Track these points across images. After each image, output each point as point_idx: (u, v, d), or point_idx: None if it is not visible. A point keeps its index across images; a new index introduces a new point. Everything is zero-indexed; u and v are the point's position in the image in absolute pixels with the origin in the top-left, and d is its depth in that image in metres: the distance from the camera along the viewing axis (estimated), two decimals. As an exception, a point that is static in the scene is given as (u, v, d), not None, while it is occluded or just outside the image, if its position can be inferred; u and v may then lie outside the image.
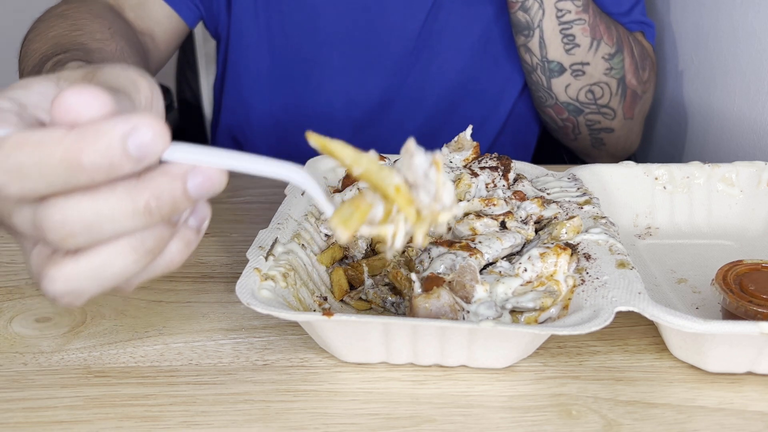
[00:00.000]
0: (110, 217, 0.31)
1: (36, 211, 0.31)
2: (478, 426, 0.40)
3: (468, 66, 0.88)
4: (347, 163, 0.36)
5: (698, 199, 0.63)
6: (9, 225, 0.33)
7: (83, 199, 0.30)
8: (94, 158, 0.29)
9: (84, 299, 0.33)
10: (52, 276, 0.32)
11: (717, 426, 0.40)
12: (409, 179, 0.36)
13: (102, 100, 0.30)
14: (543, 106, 0.87)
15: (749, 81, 0.82)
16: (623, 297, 0.43)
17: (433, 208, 0.36)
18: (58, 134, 0.29)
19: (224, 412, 0.41)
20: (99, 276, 0.32)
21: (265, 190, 0.76)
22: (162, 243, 0.33)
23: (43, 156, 0.29)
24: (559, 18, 0.80)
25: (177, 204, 0.32)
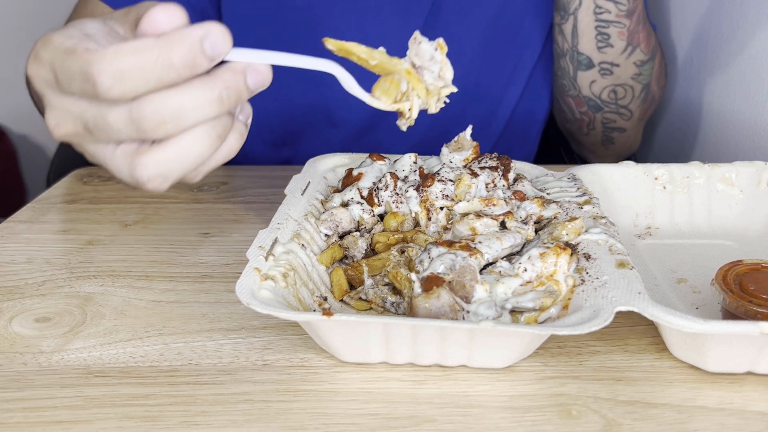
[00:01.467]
0: (192, 106, 0.38)
1: (131, 107, 0.38)
2: (478, 426, 0.40)
3: (468, 69, 0.88)
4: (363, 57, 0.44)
5: (698, 199, 0.63)
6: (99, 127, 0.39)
7: (171, 93, 0.38)
8: (181, 57, 0.36)
9: (169, 183, 0.41)
10: (144, 162, 0.40)
11: (717, 426, 0.40)
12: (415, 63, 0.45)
13: (181, 15, 0.38)
14: (564, 95, 0.87)
15: (749, 81, 0.82)
16: (623, 297, 0.43)
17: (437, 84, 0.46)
18: (151, 41, 0.37)
19: (224, 412, 0.41)
20: (182, 159, 0.40)
21: (265, 190, 0.76)
22: (226, 130, 0.41)
23: (141, 60, 0.36)
24: (596, 14, 0.79)
25: (241, 94, 0.40)
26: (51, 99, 0.41)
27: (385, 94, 0.44)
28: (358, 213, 0.56)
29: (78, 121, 0.40)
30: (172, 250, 0.62)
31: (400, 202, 0.56)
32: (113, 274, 0.57)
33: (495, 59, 0.88)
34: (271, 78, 0.42)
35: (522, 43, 0.88)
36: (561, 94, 0.88)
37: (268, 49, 0.44)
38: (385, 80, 0.45)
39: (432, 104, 0.47)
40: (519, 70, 0.89)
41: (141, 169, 0.40)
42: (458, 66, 0.88)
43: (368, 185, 0.59)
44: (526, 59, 0.89)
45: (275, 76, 0.99)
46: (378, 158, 0.62)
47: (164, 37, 0.37)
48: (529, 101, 0.93)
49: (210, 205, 0.72)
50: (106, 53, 0.37)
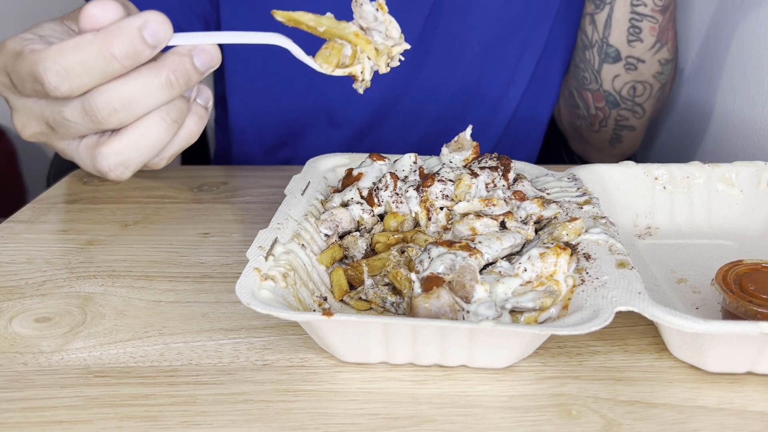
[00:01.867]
0: (141, 92, 0.39)
1: (83, 100, 0.39)
2: (478, 426, 0.40)
3: (468, 71, 0.88)
4: (311, 25, 0.46)
5: (698, 199, 0.63)
6: (59, 123, 0.41)
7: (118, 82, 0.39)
8: (122, 48, 0.38)
9: (130, 171, 0.43)
10: (104, 153, 0.42)
11: (717, 426, 0.40)
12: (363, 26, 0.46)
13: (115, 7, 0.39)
14: (582, 89, 0.87)
15: (749, 81, 0.82)
16: (623, 297, 0.43)
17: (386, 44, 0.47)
18: (90, 36, 0.38)
19: (224, 412, 0.41)
20: (139, 146, 0.41)
21: (264, 190, 0.76)
22: (182, 114, 0.42)
23: (84, 55, 0.38)
24: (633, 6, 0.80)
25: (189, 76, 0.41)
26: (13, 102, 0.44)
27: (326, 61, 0.46)
28: (358, 213, 0.56)
29: (40, 121, 0.42)
30: (172, 250, 0.62)
31: (400, 202, 0.56)
32: (113, 274, 0.57)
33: (496, 59, 0.88)
34: (220, 58, 0.42)
35: (522, 43, 0.88)
36: (579, 88, 0.88)
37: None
38: (326, 47, 0.46)
39: (382, 64, 0.48)
40: (520, 70, 0.89)
41: (101, 159, 0.42)
42: (458, 66, 0.88)
43: (368, 185, 0.59)
44: (526, 60, 0.89)
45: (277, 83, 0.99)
46: (378, 158, 0.62)
47: (104, 31, 0.38)
48: (530, 103, 0.92)
49: (210, 205, 0.72)
50: (50, 52, 0.39)
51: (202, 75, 0.42)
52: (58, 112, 0.41)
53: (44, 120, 0.42)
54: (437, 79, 0.88)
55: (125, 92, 0.39)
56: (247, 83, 0.90)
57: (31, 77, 0.39)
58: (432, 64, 0.87)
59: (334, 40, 0.46)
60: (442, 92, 0.89)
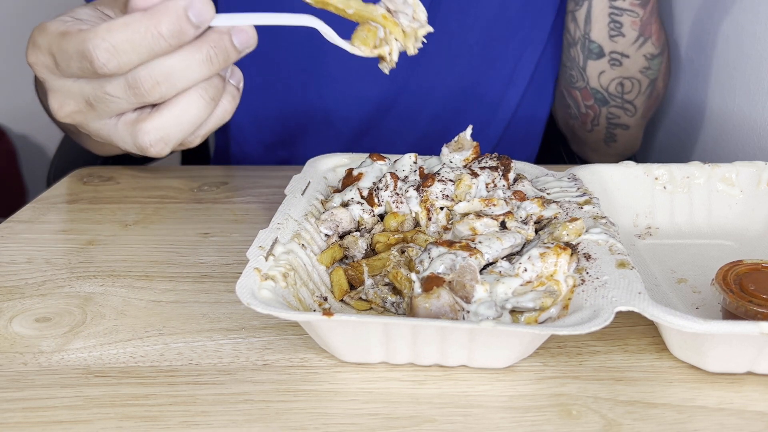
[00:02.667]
0: (183, 67, 0.41)
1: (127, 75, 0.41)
2: (478, 426, 0.40)
3: (467, 70, 0.88)
4: (339, 6, 0.47)
5: (698, 199, 0.63)
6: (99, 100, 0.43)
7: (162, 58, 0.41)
8: (168, 27, 0.39)
9: (170, 147, 0.44)
10: (145, 129, 0.43)
11: (717, 426, 0.40)
12: (390, 8, 0.47)
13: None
14: (571, 87, 0.87)
15: (749, 81, 0.82)
16: (623, 297, 0.43)
17: (413, 26, 0.48)
18: (139, 15, 0.40)
19: (224, 412, 0.41)
20: (180, 121, 0.43)
21: (265, 190, 0.76)
22: (219, 92, 0.44)
23: (132, 33, 0.39)
24: (610, 0, 0.80)
25: (228, 54, 0.42)
26: (52, 83, 0.44)
27: (364, 44, 0.47)
28: (358, 213, 0.56)
29: (80, 99, 0.43)
30: (172, 250, 0.62)
31: (400, 202, 0.56)
32: (113, 274, 0.57)
33: (494, 59, 0.88)
34: (257, 39, 0.44)
35: (522, 43, 0.88)
36: (568, 87, 0.88)
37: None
38: (362, 29, 0.48)
39: (410, 46, 0.49)
40: (519, 70, 0.89)
41: (142, 135, 0.43)
42: (457, 65, 0.88)
43: (368, 185, 0.59)
44: (526, 60, 0.89)
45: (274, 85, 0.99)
46: (378, 158, 0.62)
47: (151, 11, 0.40)
48: (530, 102, 0.92)
49: (210, 205, 0.72)
50: (99, 30, 0.40)
51: (240, 54, 0.43)
52: (99, 88, 0.42)
53: (84, 98, 0.43)
54: (436, 78, 0.88)
55: (168, 66, 0.41)
56: (246, 82, 0.90)
57: (79, 55, 0.40)
58: (430, 63, 0.87)
59: (368, 22, 0.47)
60: (440, 92, 0.89)
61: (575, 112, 0.89)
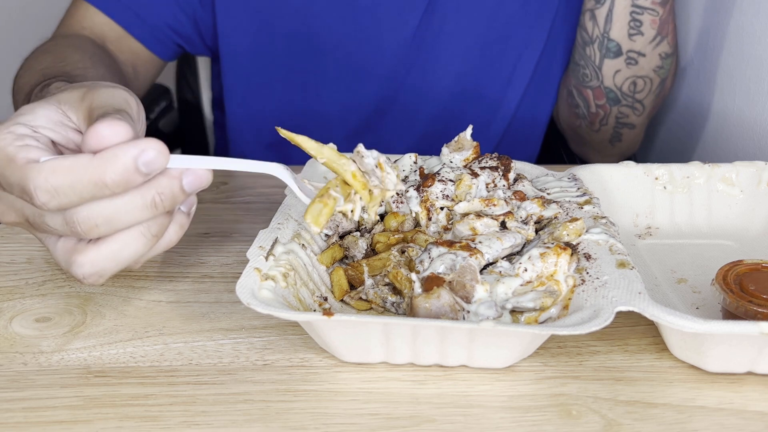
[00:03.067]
0: (125, 211, 0.40)
1: (66, 213, 0.40)
2: (478, 426, 0.40)
3: (466, 70, 0.88)
4: (312, 153, 0.47)
5: (698, 199, 0.63)
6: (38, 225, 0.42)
7: (104, 201, 0.39)
8: (114, 177, 0.38)
9: (105, 278, 0.43)
10: (79, 262, 0.42)
11: (717, 426, 0.40)
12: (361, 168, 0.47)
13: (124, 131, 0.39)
14: (582, 86, 0.87)
15: (749, 81, 0.82)
16: (623, 297, 0.43)
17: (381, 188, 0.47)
18: (85, 160, 0.38)
19: (224, 412, 0.41)
20: (117, 258, 0.42)
21: (265, 190, 0.76)
22: (163, 228, 0.43)
23: (75, 179, 0.38)
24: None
25: (176, 197, 0.41)
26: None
27: (315, 223, 0.45)
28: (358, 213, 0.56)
29: (21, 215, 0.43)
30: (172, 250, 0.61)
31: (400, 202, 0.56)
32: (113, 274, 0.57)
33: (493, 59, 0.88)
34: (211, 179, 0.43)
35: (521, 43, 0.87)
36: (579, 86, 0.88)
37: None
38: (318, 203, 0.45)
39: (372, 212, 0.48)
40: (518, 70, 0.89)
41: (76, 267, 0.42)
42: (456, 65, 0.88)
43: (368, 185, 0.59)
44: (525, 60, 0.89)
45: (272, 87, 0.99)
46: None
47: (99, 156, 0.38)
48: (530, 103, 0.92)
49: (210, 205, 0.72)
50: (42, 171, 0.38)
51: (189, 195, 0.42)
52: (39, 215, 0.41)
53: (24, 216, 0.42)
54: (435, 78, 0.88)
55: (109, 209, 0.40)
56: (244, 84, 0.90)
57: (20, 188, 0.39)
58: (428, 63, 0.87)
59: (327, 193, 0.46)
60: (440, 92, 0.89)
61: (584, 112, 0.89)
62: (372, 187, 0.47)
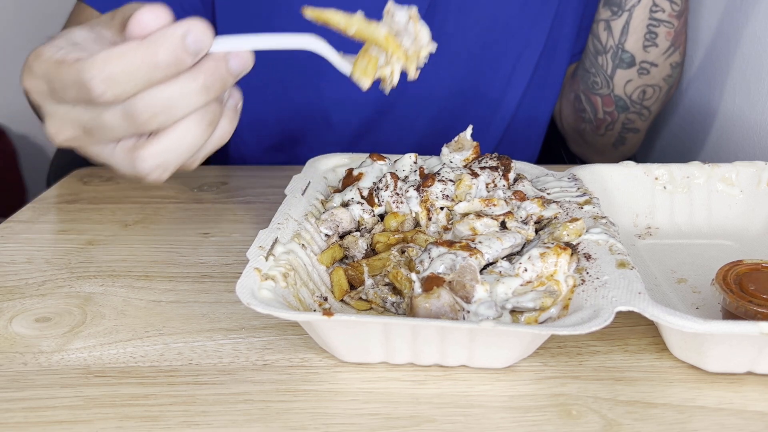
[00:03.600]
0: (180, 96, 0.40)
1: (124, 105, 0.40)
2: (478, 426, 0.40)
3: (466, 71, 0.88)
4: (342, 26, 0.46)
5: (698, 199, 0.63)
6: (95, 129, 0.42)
7: (160, 87, 0.40)
8: (165, 57, 0.39)
9: (168, 173, 0.44)
10: (143, 156, 0.42)
11: (717, 426, 0.40)
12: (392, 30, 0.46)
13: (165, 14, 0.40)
14: (592, 93, 0.87)
15: (749, 81, 0.82)
16: (623, 297, 0.43)
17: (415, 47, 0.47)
18: (134, 44, 0.39)
19: (224, 412, 0.41)
20: (177, 148, 0.42)
21: (265, 190, 0.76)
22: (217, 117, 0.44)
23: (128, 63, 0.39)
24: (652, 12, 0.80)
25: (224, 80, 0.42)
26: (48, 108, 0.43)
27: (364, 75, 0.46)
28: (358, 213, 0.56)
29: (76, 126, 0.43)
30: (172, 250, 0.62)
31: (400, 202, 0.56)
32: (113, 274, 0.57)
33: (493, 60, 0.88)
34: (253, 61, 0.44)
35: (520, 44, 0.87)
36: (588, 92, 0.88)
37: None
38: (362, 59, 0.46)
39: (411, 68, 0.48)
40: (518, 70, 0.89)
41: (140, 163, 0.42)
42: (456, 66, 0.88)
43: (368, 185, 0.59)
44: (525, 61, 0.88)
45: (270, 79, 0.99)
46: (378, 158, 0.62)
47: (148, 39, 0.39)
48: (531, 103, 0.92)
49: (210, 205, 0.72)
50: (96, 60, 0.39)
51: (236, 78, 0.43)
52: (96, 116, 0.42)
53: (81, 125, 0.43)
54: (435, 78, 0.88)
55: (165, 96, 0.40)
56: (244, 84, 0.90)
57: (76, 85, 0.40)
58: (430, 63, 0.87)
59: (368, 50, 0.46)
60: (440, 92, 0.88)
61: (590, 117, 0.89)
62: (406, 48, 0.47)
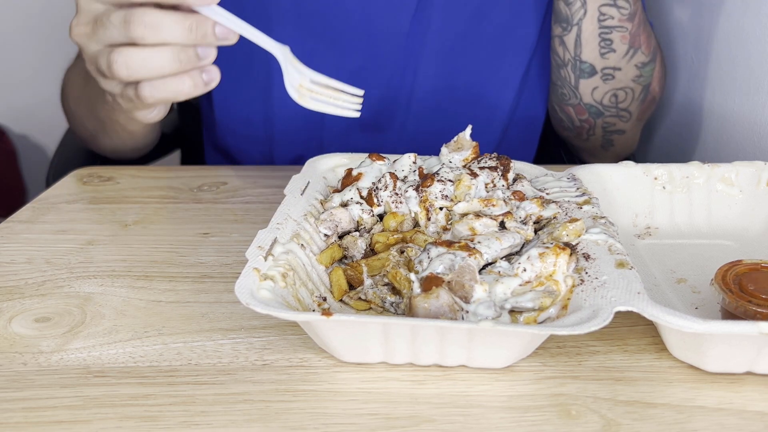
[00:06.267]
0: (169, 23, 0.51)
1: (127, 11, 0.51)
2: (477, 426, 0.40)
3: (464, 72, 0.88)
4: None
5: (698, 199, 0.63)
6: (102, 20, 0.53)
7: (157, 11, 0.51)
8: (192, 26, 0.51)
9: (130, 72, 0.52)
10: (118, 53, 0.52)
11: (716, 426, 0.40)
12: None
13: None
14: (563, 104, 0.86)
15: (749, 81, 0.82)
16: (622, 297, 0.43)
17: None
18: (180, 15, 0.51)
19: (224, 412, 0.41)
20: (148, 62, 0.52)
21: (264, 190, 0.76)
22: (189, 62, 0.52)
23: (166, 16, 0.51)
24: (600, 21, 0.79)
25: (206, 34, 0.52)
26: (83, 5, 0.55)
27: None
28: (357, 213, 0.56)
29: (91, 19, 0.54)
30: (172, 250, 0.62)
31: (399, 202, 0.56)
32: (113, 274, 0.57)
33: (487, 60, 0.88)
34: (235, 39, 0.53)
35: (512, 44, 0.87)
36: (560, 104, 0.87)
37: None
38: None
39: None
40: (511, 71, 0.89)
41: (114, 59, 0.52)
42: (456, 66, 0.88)
43: (368, 185, 0.59)
44: (517, 61, 0.88)
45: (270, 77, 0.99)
46: (377, 158, 0.62)
47: None
48: (527, 104, 0.92)
49: (210, 205, 0.72)
50: None
51: (216, 41, 0.52)
52: (107, 15, 0.52)
53: (94, 18, 0.53)
54: (435, 79, 0.88)
55: (157, 18, 0.50)
56: (244, 81, 0.90)
57: None
58: (424, 65, 0.87)
59: None
60: (440, 93, 0.88)
61: (569, 125, 0.89)
62: None
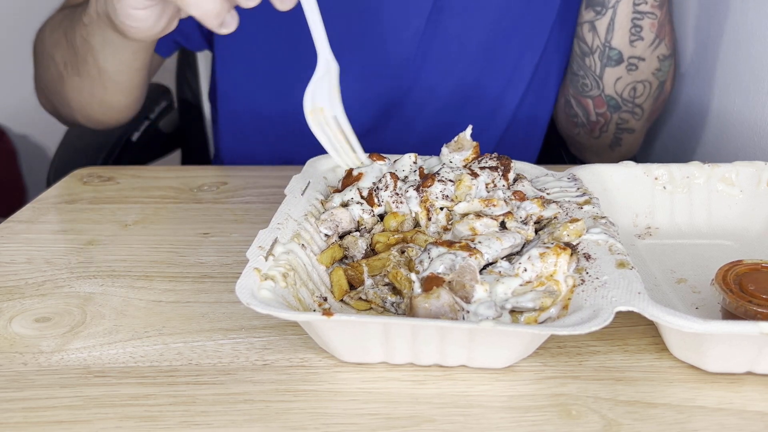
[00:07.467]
0: None
1: None
2: (478, 426, 0.40)
3: (467, 72, 0.88)
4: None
5: (698, 199, 0.63)
6: None
7: None
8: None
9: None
10: None
11: (717, 426, 0.40)
12: None
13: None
14: (582, 96, 0.86)
15: (749, 81, 0.82)
16: (623, 297, 0.43)
17: None
18: None
19: (224, 412, 0.41)
20: None
21: (264, 190, 0.76)
22: None
23: None
24: (635, 5, 0.80)
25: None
26: None
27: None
28: (358, 213, 0.56)
29: None
30: (172, 250, 0.62)
31: (400, 202, 0.56)
32: (113, 274, 0.57)
33: (494, 60, 0.88)
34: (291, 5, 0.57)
35: (522, 45, 0.88)
36: (578, 96, 0.87)
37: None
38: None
39: None
40: (519, 72, 0.89)
41: None
42: (457, 66, 0.88)
43: (368, 185, 0.59)
44: (526, 62, 0.89)
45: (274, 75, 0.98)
46: (378, 158, 0.62)
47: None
48: (531, 104, 0.92)
49: (210, 205, 0.72)
50: None
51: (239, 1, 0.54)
52: None
53: None
54: (437, 79, 0.88)
55: None
56: (246, 84, 0.90)
57: None
58: (432, 64, 0.87)
59: None
60: (441, 92, 0.89)
61: (583, 121, 0.89)
62: None
